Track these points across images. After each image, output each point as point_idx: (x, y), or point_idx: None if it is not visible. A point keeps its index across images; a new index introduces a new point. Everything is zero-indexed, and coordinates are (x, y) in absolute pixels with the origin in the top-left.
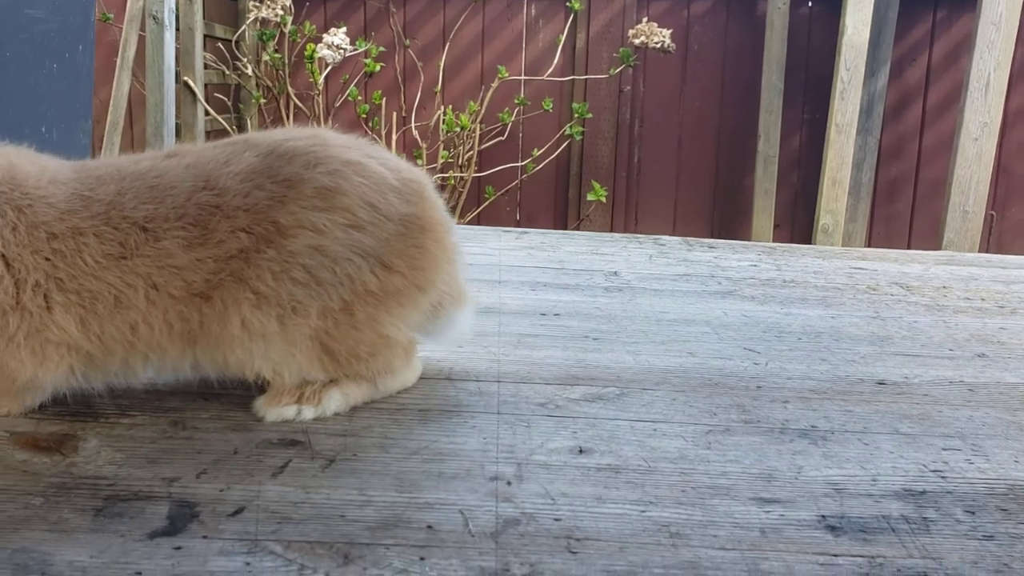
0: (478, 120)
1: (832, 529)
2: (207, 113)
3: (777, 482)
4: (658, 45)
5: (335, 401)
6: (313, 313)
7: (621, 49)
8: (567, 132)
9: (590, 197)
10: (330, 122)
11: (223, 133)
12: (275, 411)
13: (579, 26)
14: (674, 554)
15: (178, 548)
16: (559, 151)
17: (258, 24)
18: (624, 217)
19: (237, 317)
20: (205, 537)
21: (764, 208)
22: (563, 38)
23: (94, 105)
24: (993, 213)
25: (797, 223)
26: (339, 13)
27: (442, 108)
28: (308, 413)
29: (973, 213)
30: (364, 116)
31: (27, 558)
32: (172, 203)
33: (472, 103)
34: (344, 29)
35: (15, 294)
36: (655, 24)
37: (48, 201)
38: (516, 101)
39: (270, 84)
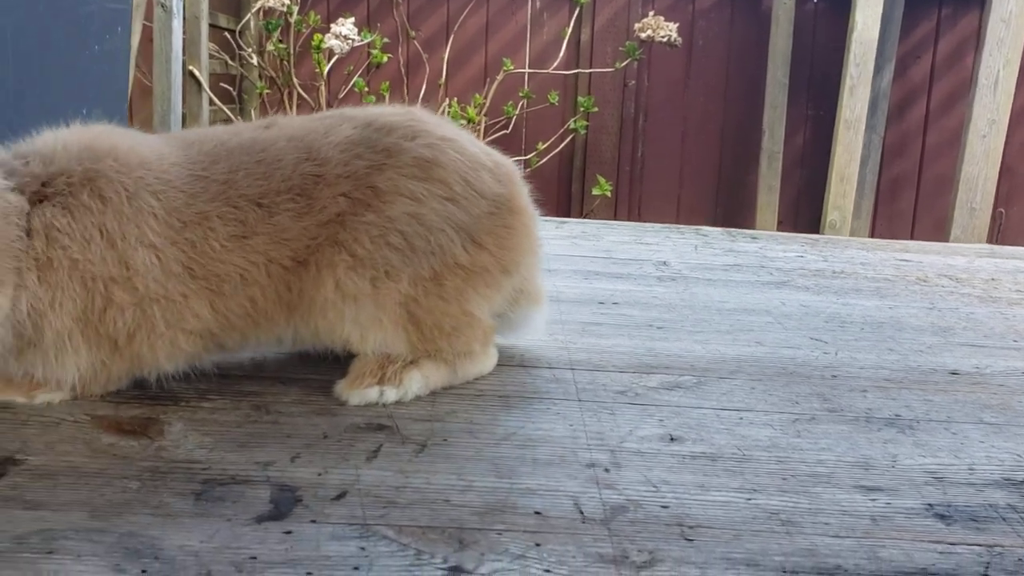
0: (482, 113)
1: (942, 518)
2: (212, 103)
3: (875, 470)
4: (664, 39)
5: (416, 383)
6: (404, 279)
7: (627, 43)
8: (571, 126)
9: (595, 192)
10: None
11: (227, 123)
12: (358, 393)
13: (584, 19)
14: (790, 542)
15: (288, 532)
16: (563, 145)
17: (262, 14)
18: (628, 212)
19: (332, 279)
20: (313, 521)
21: (768, 204)
22: (568, 31)
23: None
24: (1002, 210)
25: (800, 219)
26: (343, 3)
27: (446, 100)
28: (390, 395)
29: (980, 210)
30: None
31: (136, 542)
32: (280, 176)
33: (477, 96)
34: (352, 19)
35: (163, 284)
36: (661, 18)
37: (175, 186)
38: (520, 94)
39: (273, 74)
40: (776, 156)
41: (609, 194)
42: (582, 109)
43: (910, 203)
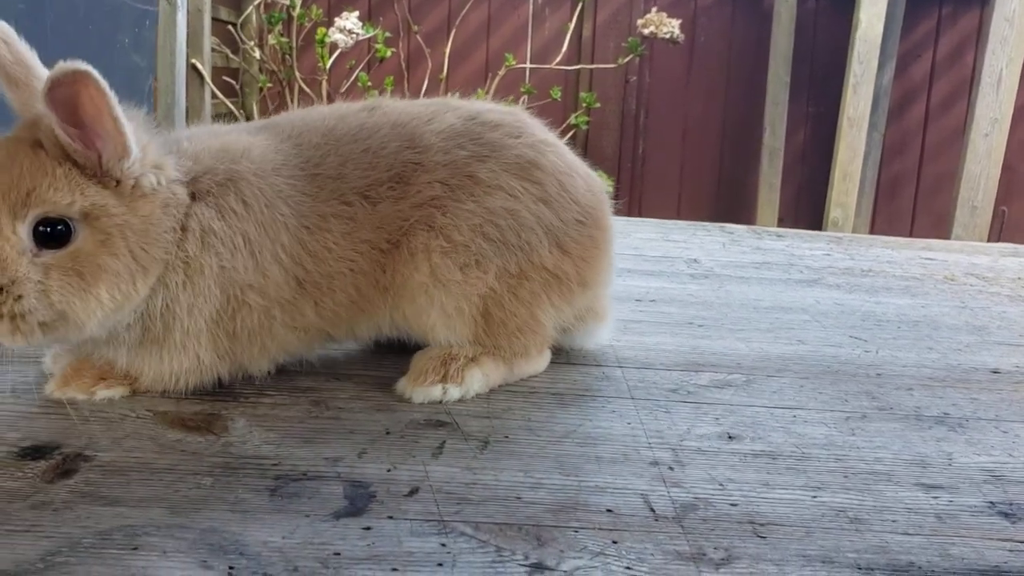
0: None
1: (1006, 516)
2: (214, 96)
3: (933, 468)
4: (667, 36)
5: (477, 381)
6: (492, 271)
7: (629, 39)
8: (573, 122)
9: None
10: None
11: (229, 116)
12: (422, 391)
13: (586, 15)
14: (860, 539)
15: (367, 528)
16: (564, 140)
17: (263, 7)
18: (628, 208)
19: (427, 263)
20: (391, 518)
21: (768, 201)
22: (571, 27)
23: None
24: (1004, 208)
25: (801, 216)
26: None
27: (448, 95)
28: (454, 393)
29: (981, 208)
30: None
31: (219, 538)
32: (385, 165)
33: (480, 90)
34: (356, 14)
35: (287, 288)
36: (664, 14)
37: (299, 189)
38: (522, 89)
39: (275, 68)
40: (777, 153)
41: (610, 189)
42: (584, 105)
43: (910, 201)
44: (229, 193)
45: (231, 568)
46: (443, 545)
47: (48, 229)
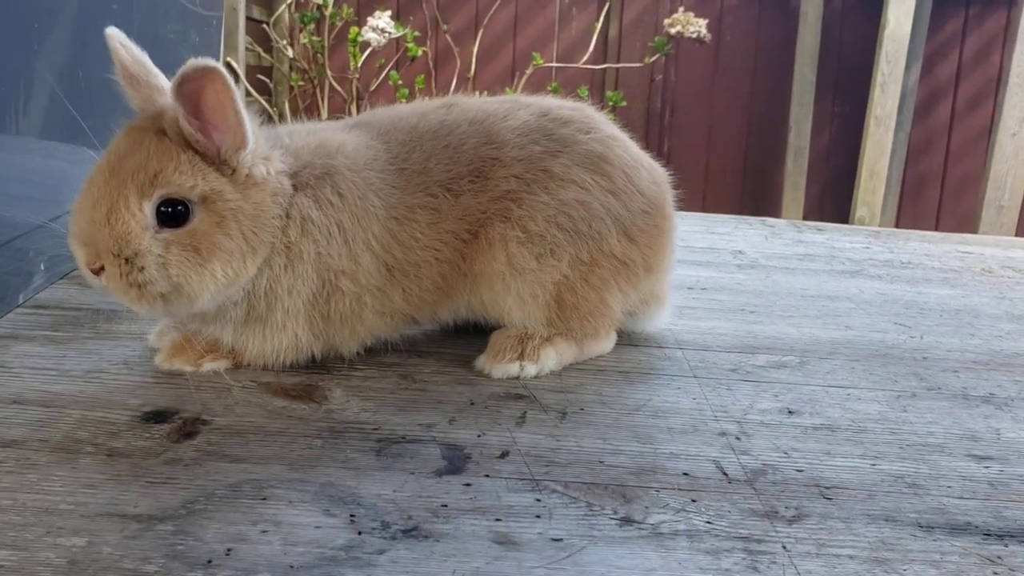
0: None
1: None
2: (248, 94)
3: (983, 441)
4: (694, 35)
5: (552, 360)
6: (566, 259)
7: (656, 38)
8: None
9: None
10: (367, 106)
11: (263, 113)
12: (501, 367)
13: (612, 15)
14: (920, 501)
15: (468, 484)
16: None
17: (294, 6)
18: None
19: (504, 253)
20: (487, 476)
21: (794, 200)
22: (598, 26)
23: None
24: None
25: (825, 215)
26: None
27: (476, 93)
28: (530, 369)
29: (1008, 207)
30: (404, 100)
31: (337, 491)
32: (465, 160)
33: (508, 89)
34: (388, 13)
35: (378, 276)
36: (691, 14)
37: (389, 183)
38: (549, 88)
39: (306, 66)
40: (802, 152)
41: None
42: (610, 103)
43: (935, 200)
44: (326, 185)
45: (352, 516)
46: (538, 500)
47: (170, 209)
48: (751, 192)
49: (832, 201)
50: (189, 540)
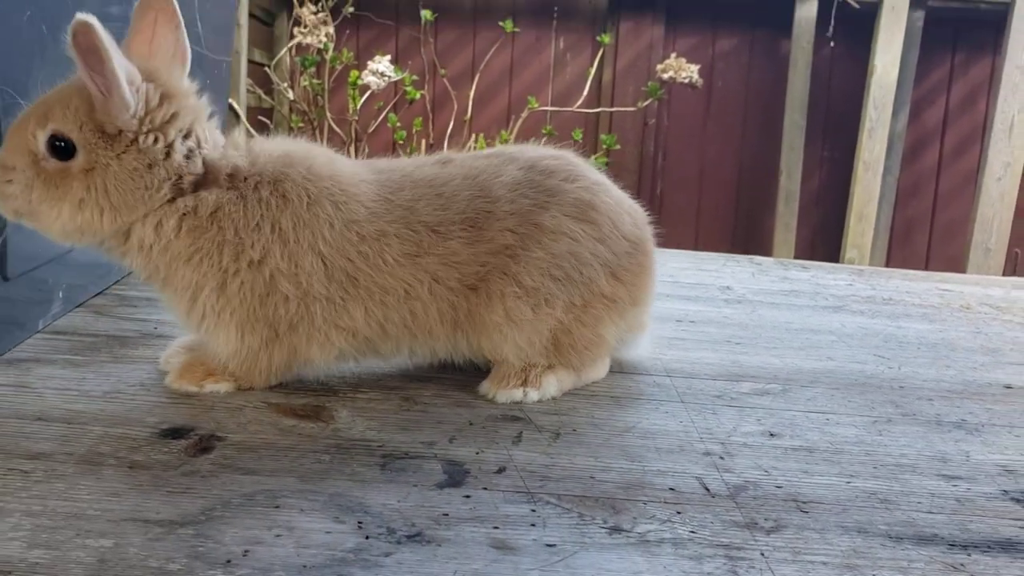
0: None
1: (1018, 501)
2: (249, 134)
3: (952, 463)
4: (686, 80)
5: (553, 386)
6: (559, 306)
7: (649, 83)
8: (593, 163)
9: None
10: (364, 147)
11: None
12: (505, 393)
13: (607, 60)
14: (890, 515)
15: (468, 496)
16: None
17: (295, 50)
18: None
19: (501, 307)
20: (486, 489)
21: (785, 242)
22: (592, 71)
23: None
24: (1017, 251)
25: (816, 257)
26: (373, 41)
27: (472, 136)
28: (533, 395)
29: (995, 251)
30: (402, 142)
31: (345, 501)
32: (456, 208)
33: (503, 132)
34: (388, 57)
35: (326, 286)
36: (684, 59)
37: (359, 201)
38: (544, 131)
39: (306, 108)
40: (793, 195)
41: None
42: (604, 146)
43: (923, 244)
44: (265, 188)
45: (360, 523)
46: (533, 511)
47: (57, 143)
48: (742, 234)
49: (822, 243)
50: (209, 543)
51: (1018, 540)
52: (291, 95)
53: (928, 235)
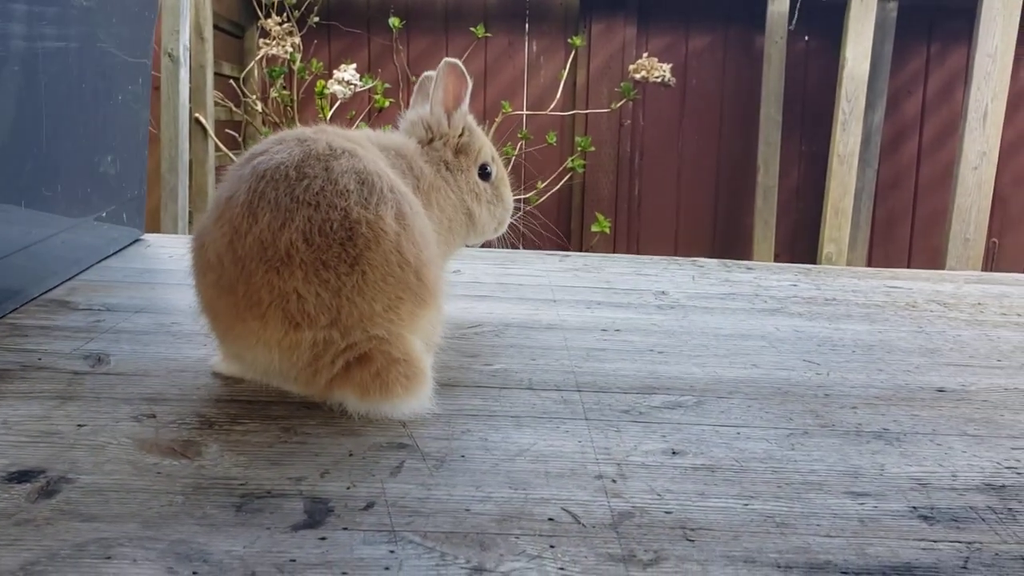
0: None
1: (925, 519)
2: (218, 149)
3: (864, 478)
4: (659, 79)
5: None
6: None
7: (622, 83)
8: (569, 165)
9: (594, 228)
10: None
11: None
12: None
13: (580, 62)
14: (784, 541)
15: (323, 539)
16: (562, 183)
17: (264, 62)
18: (626, 247)
19: None
20: (346, 529)
21: (764, 238)
22: (564, 74)
23: None
24: (995, 240)
25: (797, 252)
26: (344, 50)
27: None
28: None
29: (974, 240)
30: None
31: (186, 548)
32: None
33: None
34: (354, 65)
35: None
36: (655, 59)
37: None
38: (519, 135)
39: (277, 120)
40: (772, 191)
41: (608, 231)
42: (580, 148)
43: (905, 235)
44: None
45: (194, 573)
46: (391, 552)
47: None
48: (722, 231)
49: (803, 239)
50: None
51: (917, 564)
52: (259, 107)
53: (910, 227)
